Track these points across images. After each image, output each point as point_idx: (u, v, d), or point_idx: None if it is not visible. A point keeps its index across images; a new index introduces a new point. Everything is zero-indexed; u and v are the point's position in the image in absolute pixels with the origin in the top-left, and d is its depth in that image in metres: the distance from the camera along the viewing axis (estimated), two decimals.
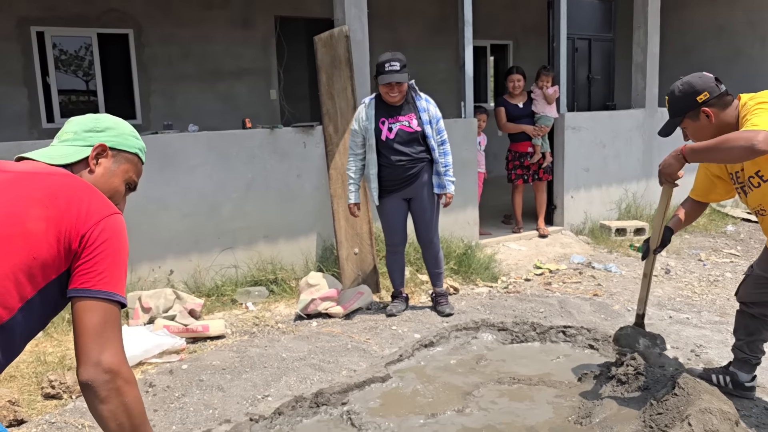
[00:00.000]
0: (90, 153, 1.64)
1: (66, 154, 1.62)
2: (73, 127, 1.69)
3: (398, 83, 4.20)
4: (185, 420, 3.10)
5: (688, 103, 2.75)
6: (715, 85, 2.75)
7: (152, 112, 8.47)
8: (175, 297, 4.45)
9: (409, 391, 3.14)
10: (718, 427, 2.50)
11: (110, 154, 1.67)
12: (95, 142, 1.65)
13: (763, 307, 3.06)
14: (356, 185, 4.43)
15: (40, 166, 1.55)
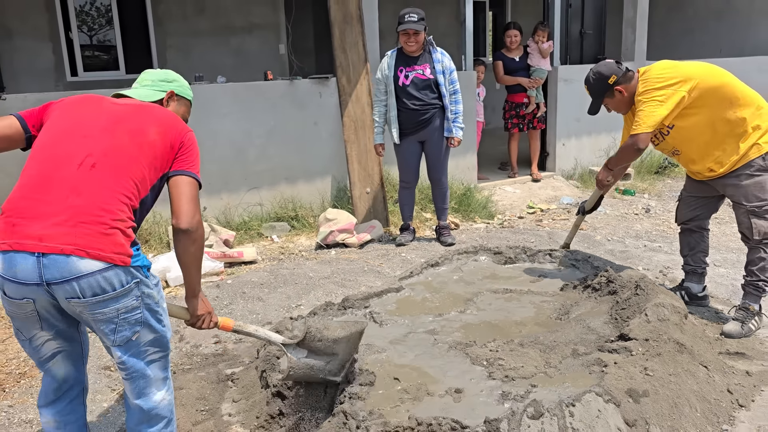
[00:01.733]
0: (164, 96, 2.35)
1: (149, 95, 2.33)
2: (150, 76, 2.40)
3: (415, 33, 4.75)
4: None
5: (603, 86, 3.46)
6: (618, 68, 3.46)
7: (168, 65, 8.93)
8: (210, 229, 5.06)
9: (420, 299, 3.77)
10: (668, 316, 3.13)
11: (176, 98, 2.40)
12: (167, 89, 2.38)
13: (697, 221, 3.77)
14: (381, 128, 5.02)
15: (141, 102, 2.25)
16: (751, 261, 3.47)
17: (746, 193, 3.36)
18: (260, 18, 9.44)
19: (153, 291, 2.03)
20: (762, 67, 9.20)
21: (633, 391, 2.62)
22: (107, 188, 1.93)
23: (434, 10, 10.33)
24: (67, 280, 1.84)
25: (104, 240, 1.88)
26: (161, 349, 2.10)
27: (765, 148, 3.32)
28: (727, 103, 3.31)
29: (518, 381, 2.79)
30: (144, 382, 2.07)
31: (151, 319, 2.02)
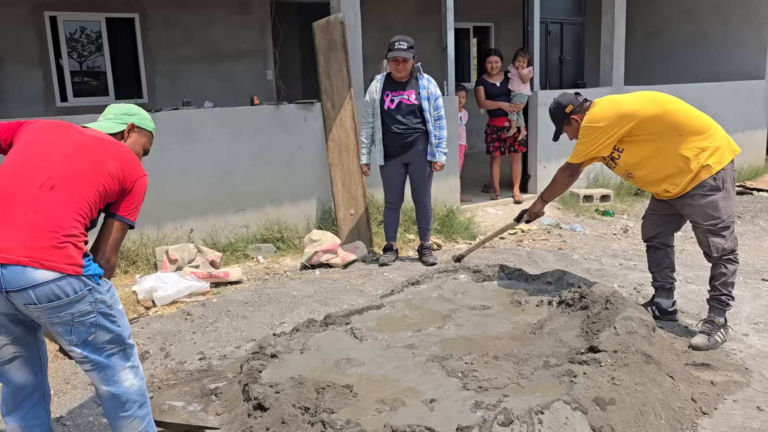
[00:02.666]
0: (125, 128, 2.55)
1: (111, 127, 2.53)
2: (113, 110, 2.60)
3: (404, 60, 4.93)
4: (219, 339, 3.84)
5: (561, 115, 3.79)
6: (575, 99, 3.77)
7: (157, 91, 9.09)
8: (196, 251, 5.17)
9: (399, 315, 3.89)
10: (637, 329, 3.26)
11: (136, 130, 2.58)
12: (128, 121, 2.56)
13: (660, 238, 3.93)
14: (367, 149, 5.18)
15: (105, 135, 2.43)
16: (713, 276, 3.62)
17: (701, 212, 3.53)
18: (248, 45, 9.64)
19: (105, 296, 2.23)
20: (736, 92, 9.49)
21: (600, 399, 2.73)
22: (62, 208, 2.14)
23: (418, 37, 10.55)
24: (24, 289, 2.04)
25: (57, 252, 2.07)
26: (119, 345, 2.28)
27: (715, 169, 3.49)
28: (672, 128, 3.50)
29: (491, 391, 2.90)
30: (109, 372, 2.27)
31: (105, 321, 2.22)
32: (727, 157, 3.54)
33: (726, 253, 3.55)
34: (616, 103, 3.63)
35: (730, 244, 3.54)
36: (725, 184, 3.52)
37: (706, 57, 10.61)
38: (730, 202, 3.54)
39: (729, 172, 3.54)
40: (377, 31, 9.33)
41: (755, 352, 3.55)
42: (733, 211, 3.57)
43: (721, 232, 3.52)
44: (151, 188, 2.38)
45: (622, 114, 3.53)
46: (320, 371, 3.16)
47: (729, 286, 3.58)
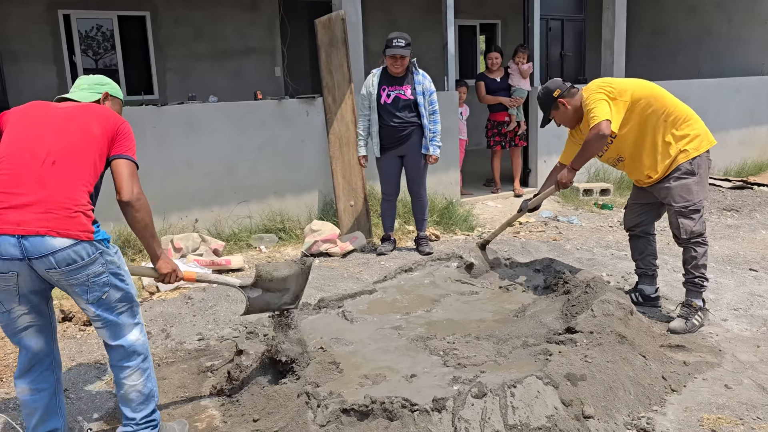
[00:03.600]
0: (100, 97, 2.76)
1: (87, 96, 2.73)
2: (86, 81, 2.80)
3: (401, 57, 5.08)
4: (217, 321, 4.03)
5: (549, 100, 3.85)
6: (562, 84, 3.85)
7: (168, 88, 9.32)
8: (201, 240, 5.36)
9: (390, 300, 4.05)
10: (613, 311, 3.40)
11: (110, 98, 2.80)
12: (102, 90, 2.78)
13: (642, 226, 4.07)
14: (364, 141, 5.35)
15: (80, 104, 2.63)
16: (686, 260, 3.77)
17: (674, 194, 3.69)
18: (257, 42, 9.84)
19: (114, 258, 2.48)
20: (739, 88, 9.54)
21: (572, 375, 2.88)
22: (68, 180, 2.37)
23: (424, 35, 10.70)
24: (45, 255, 2.29)
25: (70, 221, 2.32)
26: (127, 302, 2.53)
27: (692, 154, 3.65)
28: (660, 112, 3.65)
29: (469, 368, 3.06)
30: (118, 328, 2.52)
31: (115, 281, 2.47)
32: (704, 145, 3.69)
33: (694, 236, 3.69)
34: (610, 81, 3.73)
35: (699, 228, 3.69)
36: (699, 170, 3.67)
37: (711, 54, 10.66)
38: (702, 188, 3.70)
39: (705, 160, 3.69)
40: (383, 28, 9.48)
41: (731, 335, 3.68)
42: (703, 197, 3.72)
43: (691, 215, 3.68)
44: (157, 179, 2.61)
45: (622, 87, 3.65)
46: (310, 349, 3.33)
47: (701, 268, 3.72)
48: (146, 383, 2.62)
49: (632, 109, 3.65)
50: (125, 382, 2.57)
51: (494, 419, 2.61)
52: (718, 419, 2.81)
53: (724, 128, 8.99)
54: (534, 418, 2.65)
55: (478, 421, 2.58)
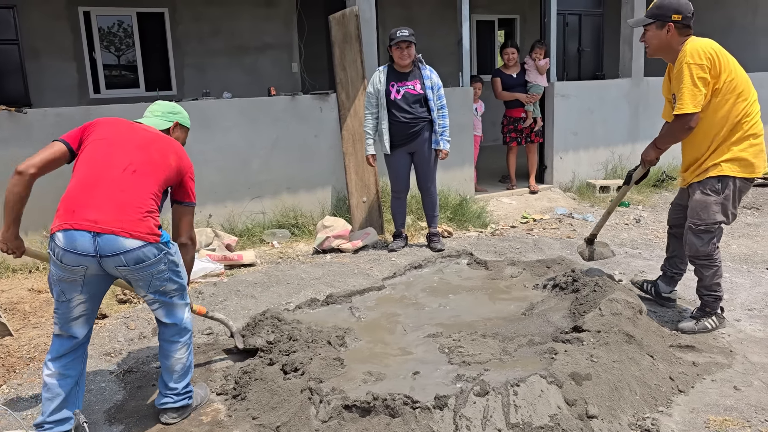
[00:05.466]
0: (171, 126, 3.02)
1: (160, 124, 3.01)
2: (160, 108, 3.07)
3: (407, 45, 5.06)
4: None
5: (664, 13, 3.43)
6: (689, 16, 3.43)
7: (186, 83, 9.40)
8: (214, 235, 5.41)
9: (399, 296, 4.06)
10: (621, 311, 3.37)
11: (179, 128, 3.08)
12: (173, 119, 3.05)
13: (679, 227, 3.87)
14: (372, 139, 5.32)
15: (159, 132, 2.91)
16: (697, 279, 3.68)
17: (692, 208, 3.55)
18: (273, 38, 9.88)
19: (174, 257, 2.75)
20: (764, 83, 9.34)
21: (576, 374, 2.86)
22: (143, 188, 2.64)
23: (443, 30, 10.68)
24: (116, 254, 2.53)
25: (142, 225, 2.57)
26: (179, 289, 2.82)
27: (725, 171, 3.44)
28: (736, 114, 3.41)
29: (473, 366, 3.05)
30: (171, 308, 2.80)
31: (173, 276, 2.75)
32: (745, 171, 3.46)
33: (699, 256, 3.56)
34: (721, 51, 3.40)
35: (705, 249, 3.53)
36: (727, 190, 3.46)
37: (735, 46, 10.39)
38: (722, 210, 3.49)
39: (738, 184, 3.48)
40: (401, 24, 9.41)
41: (743, 336, 3.62)
42: (721, 220, 3.51)
43: (701, 234, 3.52)
44: None
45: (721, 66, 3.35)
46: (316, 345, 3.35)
47: (713, 287, 3.61)
48: (189, 357, 2.88)
49: (717, 94, 3.38)
50: (173, 354, 2.82)
51: (496, 417, 2.61)
52: (725, 421, 2.77)
53: None
54: (536, 417, 2.64)
55: (480, 420, 2.58)
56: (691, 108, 3.35)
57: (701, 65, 3.32)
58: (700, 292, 3.69)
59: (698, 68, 3.32)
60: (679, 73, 3.39)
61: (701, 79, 3.33)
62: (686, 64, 3.34)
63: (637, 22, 3.60)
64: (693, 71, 3.32)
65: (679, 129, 3.47)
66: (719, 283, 3.65)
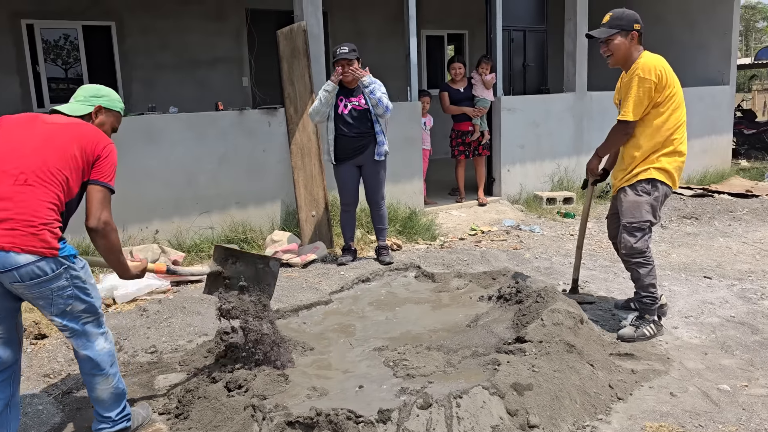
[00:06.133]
0: (92, 110, 2.78)
1: (79, 109, 2.77)
2: (83, 92, 2.83)
3: (348, 62, 5.10)
4: (172, 334, 4.00)
5: (629, 23, 3.67)
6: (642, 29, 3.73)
7: (134, 97, 9.24)
8: (160, 251, 5.32)
9: (346, 310, 4.06)
10: (562, 321, 3.44)
11: (104, 112, 2.82)
12: (96, 103, 2.80)
13: None
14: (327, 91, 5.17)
15: (68, 118, 2.68)
16: (633, 279, 3.87)
17: (625, 208, 3.76)
18: (224, 52, 9.81)
19: (80, 273, 2.58)
20: (702, 97, 9.75)
21: (518, 385, 2.91)
22: (37, 199, 2.45)
23: (392, 44, 10.76)
24: (9, 270, 2.40)
25: (34, 238, 2.42)
26: (92, 314, 2.65)
27: (654, 175, 3.70)
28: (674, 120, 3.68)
29: (418, 379, 3.07)
30: (85, 338, 2.64)
31: (80, 294, 2.58)
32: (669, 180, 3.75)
33: (633, 253, 3.74)
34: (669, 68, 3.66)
35: (640, 245, 3.74)
36: (656, 192, 3.73)
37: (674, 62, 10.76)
38: (651, 210, 3.74)
39: (664, 190, 3.75)
40: (351, 39, 9.47)
41: (680, 343, 3.74)
42: (651, 219, 3.74)
43: (634, 232, 3.74)
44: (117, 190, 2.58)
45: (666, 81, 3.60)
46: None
47: (648, 287, 3.78)
48: (117, 385, 2.76)
49: (657, 106, 3.64)
50: (97, 387, 2.70)
51: (439, 430, 2.63)
52: (661, 427, 2.85)
53: (687, 137, 9.13)
54: (479, 429, 2.67)
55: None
56: (632, 116, 3.64)
57: (650, 80, 3.58)
58: (638, 294, 3.83)
59: (647, 82, 3.58)
60: (629, 82, 3.65)
61: (647, 93, 3.59)
62: (637, 76, 3.60)
63: (602, 33, 3.77)
64: (642, 84, 3.59)
65: (619, 133, 3.75)
66: (654, 284, 3.81)
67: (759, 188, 8.98)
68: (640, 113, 3.64)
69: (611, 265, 5.32)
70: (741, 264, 5.41)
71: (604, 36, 3.73)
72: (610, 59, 3.78)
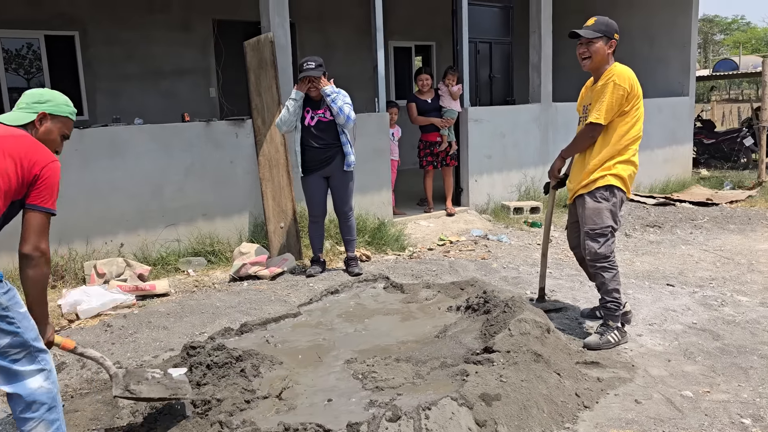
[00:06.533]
0: (35, 118, 2.51)
1: (20, 117, 2.50)
2: (26, 99, 2.56)
3: (313, 79, 5.09)
4: (137, 350, 3.93)
5: (610, 31, 3.81)
6: None
7: (98, 108, 9.10)
8: (125, 265, 5.23)
9: (315, 322, 4.04)
10: (530, 330, 3.48)
11: (49, 118, 2.53)
12: (39, 110, 2.52)
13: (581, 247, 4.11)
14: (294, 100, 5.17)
15: (7, 129, 2.42)
16: (597, 285, 3.95)
17: (586, 215, 3.85)
18: (191, 63, 9.73)
19: (1, 299, 2.26)
20: (662, 108, 9.98)
21: (486, 395, 2.93)
22: None
23: (361, 55, 10.80)
24: None
25: None
26: (22, 348, 2.31)
27: (611, 182, 3.82)
28: (635, 131, 3.81)
29: (387, 391, 3.07)
30: (14, 376, 2.31)
31: (4, 325, 2.26)
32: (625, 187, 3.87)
33: (598, 259, 3.83)
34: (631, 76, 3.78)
35: (603, 250, 3.83)
36: (614, 199, 3.84)
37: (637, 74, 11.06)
38: (613, 216, 3.85)
39: (620, 197, 3.87)
40: (319, 49, 9.53)
41: (645, 350, 3.81)
42: (613, 224, 3.86)
43: (597, 237, 3.83)
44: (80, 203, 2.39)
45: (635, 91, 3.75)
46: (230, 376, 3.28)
47: (613, 293, 3.86)
48: None
49: (622, 114, 3.76)
50: None
51: None
52: None
53: (649, 147, 9.37)
54: None
55: None
56: (603, 120, 3.75)
57: (624, 88, 3.71)
58: (603, 300, 3.91)
59: (621, 90, 3.71)
60: (604, 87, 3.75)
61: (618, 100, 3.72)
62: (613, 83, 3.72)
63: (588, 33, 3.84)
64: (617, 91, 3.71)
65: (587, 135, 3.85)
66: (618, 289, 3.89)
67: (719, 197, 9.21)
68: (610, 118, 3.76)
69: (577, 274, 5.39)
70: (702, 271, 5.53)
71: (589, 37, 3.81)
72: (586, 62, 3.85)
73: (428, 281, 5.01)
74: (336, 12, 10.79)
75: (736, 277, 5.32)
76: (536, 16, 8.32)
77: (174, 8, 9.44)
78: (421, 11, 11.46)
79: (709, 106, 22.92)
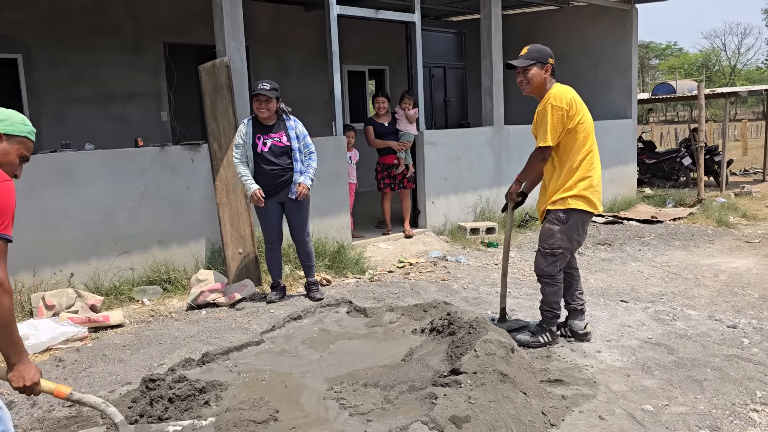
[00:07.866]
0: None
1: None
2: None
3: (267, 99, 5.07)
4: (92, 384, 3.78)
5: (543, 56, 3.99)
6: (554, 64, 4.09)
7: (44, 133, 8.80)
8: (76, 295, 5.05)
9: (279, 350, 3.98)
10: (495, 351, 3.50)
11: (5, 139, 2.33)
12: None
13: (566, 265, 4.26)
14: (250, 178, 5.16)
15: None
16: (541, 296, 4.21)
17: (540, 234, 4.09)
18: (141, 86, 9.56)
19: None
20: (607, 130, 10.31)
21: (456, 417, 2.93)
22: None
23: (316, 79, 10.79)
24: None
25: None
26: None
27: (570, 205, 3.97)
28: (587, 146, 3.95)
29: (356, 417, 3.04)
30: None
31: None
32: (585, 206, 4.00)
33: (543, 275, 4.08)
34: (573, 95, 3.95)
35: (549, 270, 4.06)
36: (570, 221, 3.99)
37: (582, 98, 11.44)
38: (566, 238, 4.02)
39: (581, 217, 4.02)
40: (274, 74, 9.52)
41: (604, 367, 3.89)
42: (564, 246, 4.03)
43: (546, 256, 4.05)
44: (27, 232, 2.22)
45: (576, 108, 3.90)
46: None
47: (552, 304, 4.15)
48: None
49: (570, 132, 3.90)
50: None
51: None
52: None
53: None
54: None
55: None
56: (549, 141, 3.89)
57: (561, 108, 3.87)
58: (542, 308, 4.18)
59: (559, 110, 3.86)
60: (543, 110, 3.92)
61: (560, 120, 3.87)
62: (550, 105, 3.88)
63: (520, 62, 4.02)
64: (555, 112, 3.86)
65: (536, 159, 4.02)
66: (558, 302, 4.17)
67: (663, 214, 9.54)
68: (557, 138, 3.91)
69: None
70: (653, 287, 5.70)
71: (522, 65, 4.00)
72: (525, 87, 4.06)
73: (391, 304, 5.01)
74: (290, 36, 10.81)
75: (684, 292, 5.50)
76: (487, 42, 8.52)
77: (124, 31, 9.28)
78: (374, 36, 11.59)
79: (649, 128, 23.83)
